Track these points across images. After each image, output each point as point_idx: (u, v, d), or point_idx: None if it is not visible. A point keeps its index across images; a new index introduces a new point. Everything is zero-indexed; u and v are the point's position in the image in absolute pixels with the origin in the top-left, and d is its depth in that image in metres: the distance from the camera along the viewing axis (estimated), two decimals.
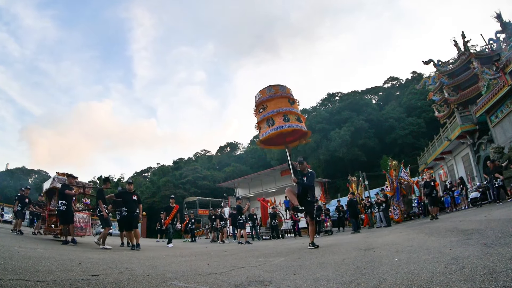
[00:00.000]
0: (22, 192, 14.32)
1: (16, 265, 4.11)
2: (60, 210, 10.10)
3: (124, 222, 10.66)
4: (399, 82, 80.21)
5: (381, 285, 2.66)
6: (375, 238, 9.04)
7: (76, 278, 3.51)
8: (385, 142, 58.59)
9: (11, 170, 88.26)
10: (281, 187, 30.82)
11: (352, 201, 17.42)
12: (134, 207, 10.33)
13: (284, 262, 5.25)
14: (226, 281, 3.53)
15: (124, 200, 10.41)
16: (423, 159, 36.62)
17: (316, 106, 78.67)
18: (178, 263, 5.91)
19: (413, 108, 61.41)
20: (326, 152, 58.89)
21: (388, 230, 12.64)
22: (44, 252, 6.53)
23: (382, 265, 3.77)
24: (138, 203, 10.64)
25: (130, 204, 10.32)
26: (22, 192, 14.31)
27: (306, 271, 3.92)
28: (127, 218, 10.33)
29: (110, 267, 4.72)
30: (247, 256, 7.04)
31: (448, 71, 29.75)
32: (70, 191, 10.35)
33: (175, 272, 4.40)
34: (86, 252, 7.57)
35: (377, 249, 5.71)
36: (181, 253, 8.97)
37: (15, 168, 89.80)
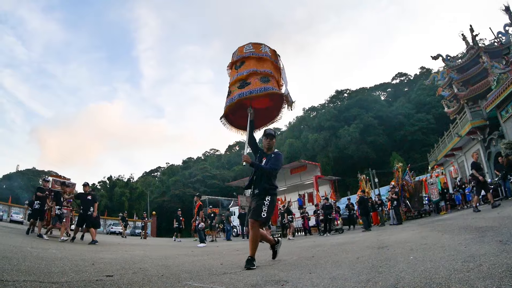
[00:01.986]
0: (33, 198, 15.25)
1: (29, 266, 4.11)
2: (35, 208, 12.06)
3: (79, 219, 12.00)
4: (408, 78, 79.79)
5: (399, 283, 2.65)
6: (387, 236, 9.00)
7: (90, 279, 3.52)
8: (394, 139, 58.33)
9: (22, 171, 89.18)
10: (290, 186, 30.75)
11: (363, 199, 17.34)
12: (88, 206, 11.79)
13: (298, 261, 5.24)
14: (242, 281, 3.49)
15: (81, 200, 12.02)
16: (433, 156, 36.35)
17: (325, 104, 78.62)
18: (191, 262, 5.90)
19: (422, 104, 61.05)
20: (335, 149, 58.79)
21: (400, 228, 12.59)
22: (57, 252, 6.54)
23: (398, 263, 3.75)
24: (93, 202, 12.07)
25: (85, 203, 11.83)
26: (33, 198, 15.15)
27: (322, 270, 3.90)
28: (82, 216, 11.80)
29: (123, 268, 4.75)
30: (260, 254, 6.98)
31: (457, 66, 29.47)
32: (41, 193, 12.25)
33: (189, 272, 4.37)
34: (98, 253, 7.57)
35: (390, 247, 5.69)
36: (192, 252, 8.95)
37: (26, 169, 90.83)
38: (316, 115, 75.09)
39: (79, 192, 12.74)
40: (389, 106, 66.76)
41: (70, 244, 10.32)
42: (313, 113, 78.33)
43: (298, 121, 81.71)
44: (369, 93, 74.64)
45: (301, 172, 30.00)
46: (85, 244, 10.82)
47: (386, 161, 49.85)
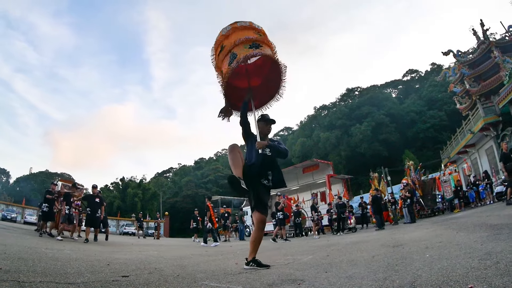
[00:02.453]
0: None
1: (45, 267, 4.13)
2: (44, 211, 12.59)
3: (88, 219, 12.51)
4: (419, 75, 79.17)
5: (417, 281, 2.66)
6: (401, 234, 8.95)
7: (106, 279, 3.53)
8: (406, 136, 57.93)
9: (35, 174, 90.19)
10: (303, 185, 30.69)
11: (377, 197, 17.25)
12: (96, 208, 12.45)
13: (313, 260, 5.24)
14: (258, 280, 3.48)
15: (88, 202, 12.69)
16: (446, 153, 36.04)
17: (336, 102, 78.36)
18: (206, 262, 5.94)
19: (434, 101, 60.55)
20: (347, 148, 58.60)
21: (414, 226, 12.52)
22: (71, 253, 6.58)
23: (414, 261, 3.75)
24: (100, 204, 12.78)
25: (93, 205, 12.47)
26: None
27: (337, 269, 3.90)
28: (91, 217, 12.42)
29: (138, 268, 4.77)
30: (274, 254, 7.06)
31: (468, 61, 29.12)
32: (50, 196, 12.75)
33: (204, 272, 4.40)
34: (113, 253, 7.64)
35: (405, 245, 5.68)
36: (207, 252, 9.00)
37: (39, 172, 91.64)
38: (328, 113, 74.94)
39: (87, 194, 13.45)
40: (401, 103, 66.33)
41: (84, 244, 10.47)
42: (324, 112, 78.17)
43: (310, 120, 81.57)
44: (380, 90, 74.14)
45: (313, 171, 29.91)
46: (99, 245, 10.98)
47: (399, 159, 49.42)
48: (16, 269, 3.66)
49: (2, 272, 3.35)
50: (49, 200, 12.55)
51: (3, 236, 9.76)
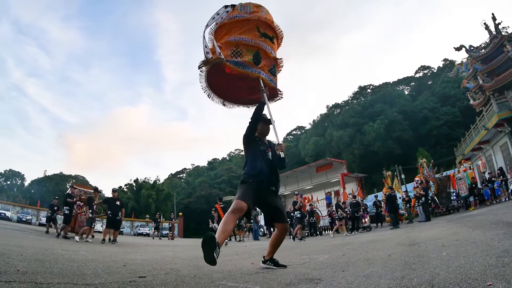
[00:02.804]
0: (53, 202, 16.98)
1: (62, 268, 4.14)
2: (65, 213, 13.44)
3: (109, 222, 12.94)
4: (431, 71, 78.37)
5: (435, 279, 2.67)
6: (417, 233, 8.91)
7: (123, 280, 3.56)
8: (420, 134, 57.43)
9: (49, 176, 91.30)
10: (316, 184, 30.68)
11: (391, 196, 17.16)
12: (117, 211, 13.00)
13: (329, 259, 5.23)
14: (275, 280, 3.48)
15: (109, 205, 13.15)
16: (460, 150, 35.63)
17: (348, 100, 77.95)
18: (221, 262, 5.76)
19: (447, 97, 59.93)
20: (361, 146, 58.27)
21: (429, 225, 12.42)
22: (87, 254, 6.62)
23: (431, 259, 3.75)
24: (121, 207, 13.34)
25: (114, 208, 12.97)
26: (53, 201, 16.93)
27: (354, 268, 3.90)
28: (112, 219, 12.88)
29: (155, 268, 4.79)
30: (289, 254, 7.06)
31: (480, 56, 28.68)
32: (71, 199, 13.73)
33: (221, 272, 4.38)
34: (128, 254, 7.70)
35: (421, 244, 5.66)
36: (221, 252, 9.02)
37: (53, 174, 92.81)
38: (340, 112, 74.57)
39: (107, 197, 13.81)
40: (413, 100, 65.74)
41: (100, 245, 10.63)
42: (337, 110, 77.81)
43: (322, 119, 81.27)
44: (393, 87, 73.59)
45: (327, 170, 29.87)
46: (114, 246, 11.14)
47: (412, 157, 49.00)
48: (34, 271, 3.67)
49: (19, 273, 3.38)
50: (69, 203, 13.29)
51: (19, 238, 9.83)
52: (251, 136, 4.66)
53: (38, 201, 42.74)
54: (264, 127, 4.82)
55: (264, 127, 4.83)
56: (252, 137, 4.67)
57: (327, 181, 29.53)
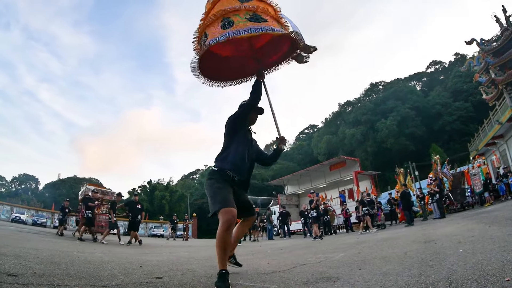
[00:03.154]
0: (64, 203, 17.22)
1: (78, 270, 4.15)
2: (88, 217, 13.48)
3: (130, 224, 13.89)
4: (443, 66, 77.62)
5: (452, 276, 2.68)
6: (432, 230, 8.87)
7: (140, 281, 3.58)
8: (433, 130, 56.86)
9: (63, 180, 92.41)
10: (330, 182, 30.61)
11: (405, 193, 17.02)
12: (137, 213, 13.79)
13: (344, 257, 5.24)
14: (292, 279, 3.50)
15: (130, 208, 13.76)
16: (473, 146, 35.18)
17: (360, 98, 77.51)
18: None
19: (460, 92, 59.30)
20: (374, 143, 57.91)
21: (444, 222, 12.33)
22: (103, 256, 6.67)
23: (448, 256, 3.75)
24: (141, 210, 14.30)
25: (135, 211, 13.73)
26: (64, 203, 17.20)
27: (371, 266, 3.92)
28: (132, 221, 13.76)
29: (171, 269, 4.75)
30: (305, 253, 7.08)
31: (492, 49, 28.21)
32: (92, 203, 13.81)
33: (237, 272, 4.36)
34: (144, 255, 7.69)
35: (437, 241, 5.64)
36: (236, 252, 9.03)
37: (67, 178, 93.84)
38: (352, 109, 74.13)
39: (129, 201, 14.35)
40: (425, 96, 65.07)
41: (115, 247, 10.71)
42: (349, 108, 77.39)
43: (334, 117, 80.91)
44: (404, 83, 72.87)
45: (340, 168, 29.77)
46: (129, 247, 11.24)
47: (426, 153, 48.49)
48: (50, 273, 3.67)
49: (36, 276, 3.38)
50: (91, 207, 13.54)
51: (35, 241, 9.85)
52: (244, 117, 4.03)
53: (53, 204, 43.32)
54: (253, 115, 4.15)
55: (253, 116, 4.16)
56: (244, 119, 4.05)
57: (340, 179, 29.43)
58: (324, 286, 3.01)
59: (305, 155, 77.00)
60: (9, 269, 3.53)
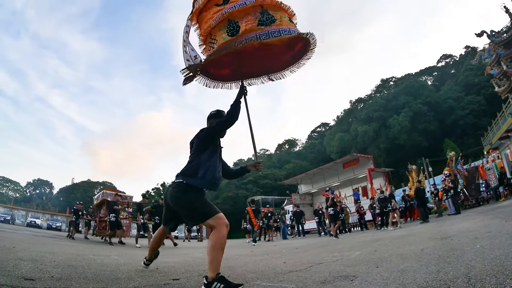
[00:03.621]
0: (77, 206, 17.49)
1: (95, 273, 4.14)
2: (111, 221, 13.74)
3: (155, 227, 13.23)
4: (453, 59, 76.63)
5: (471, 272, 2.69)
6: (448, 226, 8.81)
7: (157, 283, 3.58)
8: (445, 125, 56.22)
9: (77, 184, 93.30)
10: (344, 180, 30.51)
11: (419, 190, 16.87)
12: None
13: (361, 255, 5.25)
14: (310, 278, 3.51)
15: (156, 211, 13.47)
16: (487, 140, 34.71)
17: (371, 94, 76.85)
18: (253, 262, 5.96)
19: (471, 85, 58.52)
20: (386, 140, 57.42)
21: (460, 218, 12.22)
22: (119, 258, 6.69)
23: (465, 252, 3.75)
24: None
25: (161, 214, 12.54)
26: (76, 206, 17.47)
27: (388, 264, 3.93)
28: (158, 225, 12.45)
29: (187, 271, 4.74)
30: (320, 252, 7.09)
31: (503, 41, 27.71)
32: (117, 207, 14.13)
33: (254, 272, 4.41)
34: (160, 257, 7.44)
35: (454, 237, 5.63)
36: (252, 252, 9.00)
37: (80, 182, 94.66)
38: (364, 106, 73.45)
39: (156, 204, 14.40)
40: (437, 90, 64.31)
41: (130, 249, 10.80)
42: (360, 105, 76.74)
43: (346, 114, 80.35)
44: (415, 78, 71.99)
45: (354, 166, 29.66)
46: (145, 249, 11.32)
47: (439, 149, 48.04)
48: (68, 277, 3.68)
49: (54, 280, 3.39)
50: (115, 210, 13.91)
51: (51, 244, 9.90)
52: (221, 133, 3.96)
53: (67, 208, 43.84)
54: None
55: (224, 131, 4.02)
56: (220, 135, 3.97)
57: (354, 177, 29.31)
58: (342, 284, 3.02)
59: (317, 153, 76.63)
60: (26, 273, 3.55)
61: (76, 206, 17.57)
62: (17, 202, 60.39)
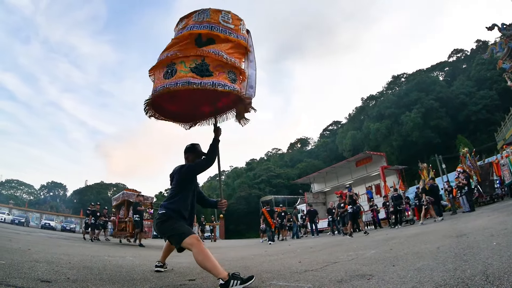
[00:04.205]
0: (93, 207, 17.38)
1: (111, 274, 4.16)
2: (136, 220, 13.55)
3: None
4: (464, 54, 75.66)
5: (488, 270, 2.69)
6: (463, 224, 8.75)
7: (173, 284, 3.60)
8: (458, 121, 55.61)
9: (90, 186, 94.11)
10: (357, 178, 30.44)
11: (433, 187, 16.64)
12: None
13: (376, 254, 5.24)
14: (326, 277, 3.52)
15: None
16: (500, 135, 34.27)
17: (383, 91, 76.23)
18: (269, 262, 5.92)
19: (483, 80, 57.73)
20: (399, 137, 56.94)
21: (474, 215, 12.12)
22: (134, 260, 6.68)
23: (482, 250, 3.74)
24: None
25: None
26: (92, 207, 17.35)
27: (404, 262, 3.93)
28: None
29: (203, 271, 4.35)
30: (335, 251, 7.08)
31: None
32: (141, 208, 13.90)
33: (270, 272, 4.40)
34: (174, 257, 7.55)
35: (469, 234, 5.60)
36: (266, 252, 9.00)
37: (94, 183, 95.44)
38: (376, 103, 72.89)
39: None
40: (449, 86, 63.54)
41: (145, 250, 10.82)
42: (372, 102, 76.23)
43: (358, 112, 79.89)
44: (427, 74, 71.19)
45: (367, 164, 29.62)
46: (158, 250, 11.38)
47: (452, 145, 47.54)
48: (84, 278, 3.71)
49: (70, 281, 3.40)
50: (139, 211, 13.69)
51: (66, 246, 9.99)
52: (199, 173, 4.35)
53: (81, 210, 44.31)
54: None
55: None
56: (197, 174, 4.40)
57: (367, 175, 29.23)
58: (359, 284, 3.02)
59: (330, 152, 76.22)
60: (42, 275, 3.58)
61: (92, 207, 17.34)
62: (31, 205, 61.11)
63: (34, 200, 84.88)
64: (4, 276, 3.24)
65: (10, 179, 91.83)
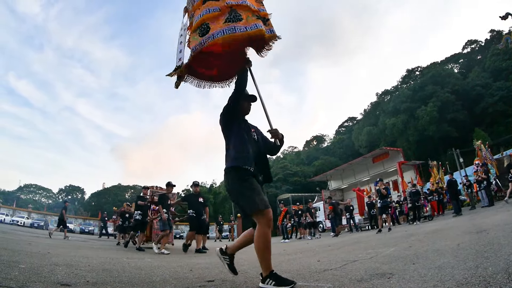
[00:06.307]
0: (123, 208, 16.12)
1: (130, 276, 4.20)
2: (136, 219, 11.35)
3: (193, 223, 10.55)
4: (479, 45, 74.31)
5: (510, 267, 2.66)
6: (482, 219, 8.66)
7: (192, 285, 3.59)
8: (475, 113, 54.78)
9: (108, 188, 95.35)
10: (374, 175, 30.18)
11: (452, 182, 16.45)
12: (200, 209, 10.67)
13: (396, 252, 5.21)
14: (346, 276, 3.49)
15: (190, 202, 10.98)
16: None
17: (398, 85, 75.46)
18: (287, 261, 5.92)
19: (499, 71, 56.77)
20: (415, 132, 56.26)
21: (493, 210, 11.96)
22: (152, 261, 6.71)
23: (503, 246, 3.70)
24: (204, 205, 11.24)
25: (196, 206, 10.64)
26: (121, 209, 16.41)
27: (424, 260, 3.90)
28: (197, 220, 10.45)
29: (221, 271, 4.67)
30: (354, 249, 7.05)
31: None
32: (142, 202, 11.59)
33: (288, 271, 4.36)
34: (193, 258, 7.76)
35: (489, 230, 5.55)
36: (285, 251, 9.00)
37: (111, 186, 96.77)
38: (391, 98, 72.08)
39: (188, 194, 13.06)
40: (464, 78, 62.60)
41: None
42: (387, 97, 75.44)
43: (373, 107, 79.22)
44: (441, 67, 70.14)
45: (383, 159, 29.41)
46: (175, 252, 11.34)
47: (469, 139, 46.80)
48: (103, 281, 3.72)
49: (89, 284, 3.43)
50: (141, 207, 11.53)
51: (84, 249, 10.10)
52: (235, 110, 3.70)
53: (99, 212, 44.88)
54: (245, 104, 3.81)
55: (245, 105, 3.82)
56: (236, 112, 3.73)
57: (384, 171, 28.99)
58: (379, 282, 3.01)
59: (346, 148, 75.82)
60: (62, 278, 3.62)
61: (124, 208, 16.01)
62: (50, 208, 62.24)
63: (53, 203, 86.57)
64: (24, 280, 3.28)
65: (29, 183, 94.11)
